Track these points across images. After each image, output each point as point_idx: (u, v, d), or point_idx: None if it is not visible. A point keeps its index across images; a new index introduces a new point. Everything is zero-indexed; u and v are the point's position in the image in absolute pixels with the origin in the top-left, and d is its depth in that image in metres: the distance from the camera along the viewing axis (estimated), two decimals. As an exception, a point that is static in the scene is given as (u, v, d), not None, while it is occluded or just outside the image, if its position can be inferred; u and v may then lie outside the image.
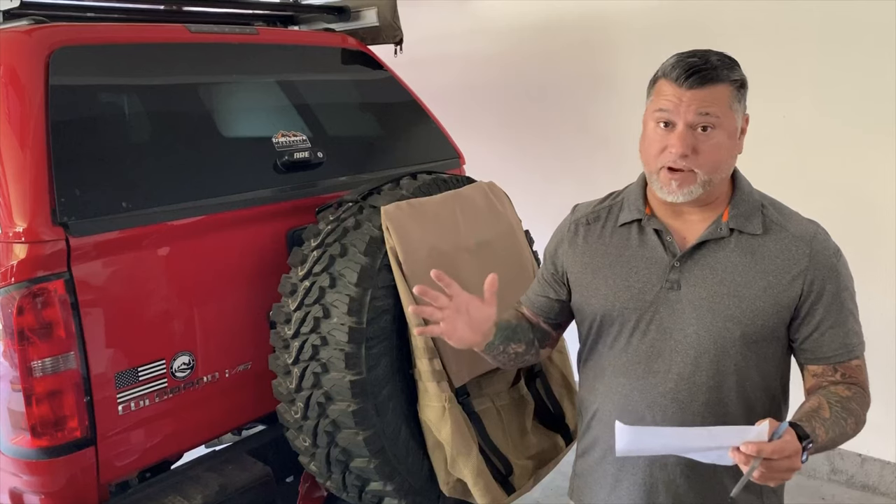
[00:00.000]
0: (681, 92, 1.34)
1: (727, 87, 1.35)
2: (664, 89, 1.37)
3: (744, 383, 1.41)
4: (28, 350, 1.65)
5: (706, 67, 1.33)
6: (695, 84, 1.33)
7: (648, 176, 1.44)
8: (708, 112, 1.33)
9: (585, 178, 3.64)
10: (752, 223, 1.41)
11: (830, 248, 1.41)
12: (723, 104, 1.34)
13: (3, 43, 1.82)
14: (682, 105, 1.34)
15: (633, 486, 1.49)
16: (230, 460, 2.04)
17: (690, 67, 1.33)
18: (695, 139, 1.34)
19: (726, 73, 1.35)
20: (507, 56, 3.92)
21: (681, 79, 1.33)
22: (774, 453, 1.16)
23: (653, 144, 1.39)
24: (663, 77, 1.38)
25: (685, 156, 1.34)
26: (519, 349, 1.58)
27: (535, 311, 1.66)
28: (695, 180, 1.36)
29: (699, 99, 1.33)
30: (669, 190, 1.38)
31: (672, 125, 1.36)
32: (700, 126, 1.34)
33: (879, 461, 3.13)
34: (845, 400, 1.35)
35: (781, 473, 1.19)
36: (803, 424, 1.27)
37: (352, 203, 2.04)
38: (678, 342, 1.41)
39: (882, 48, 2.81)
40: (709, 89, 1.33)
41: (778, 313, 1.38)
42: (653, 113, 1.39)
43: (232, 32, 2.33)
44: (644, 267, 1.46)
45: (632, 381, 1.46)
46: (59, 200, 1.68)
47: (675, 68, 1.35)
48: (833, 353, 1.39)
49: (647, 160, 1.42)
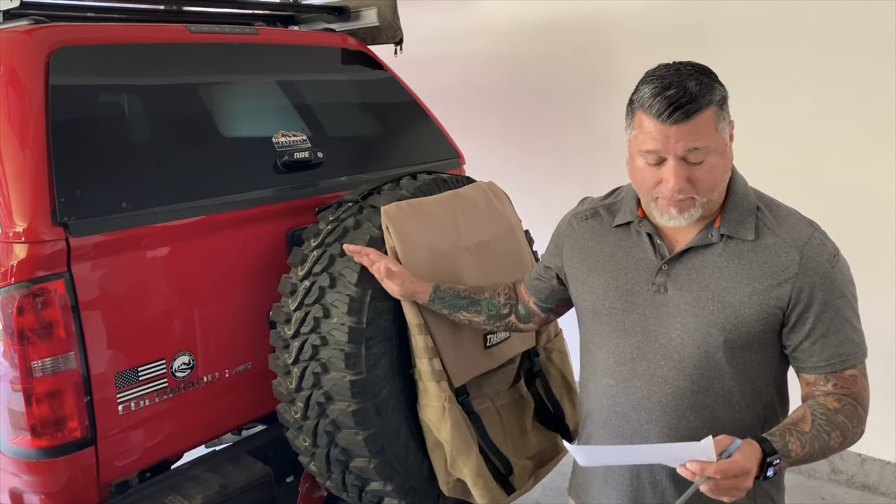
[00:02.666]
0: (665, 129, 1.28)
1: (710, 111, 1.29)
2: (646, 125, 1.31)
3: (731, 389, 1.40)
4: (28, 350, 1.65)
5: (687, 100, 1.27)
6: (679, 119, 1.27)
7: (644, 203, 1.43)
8: (697, 147, 1.29)
9: (586, 178, 3.63)
10: (745, 228, 1.39)
11: (824, 253, 1.36)
12: (709, 130, 1.30)
13: (3, 43, 1.82)
14: (669, 142, 1.29)
15: (621, 486, 1.50)
16: (230, 460, 2.03)
17: (671, 104, 1.27)
18: (688, 170, 1.31)
19: (707, 98, 1.29)
20: (507, 56, 3.92)
21: (663, 116, 1.28)
22: (717, 473, 1.16)
23: (645, 178, 1.36)
24: (642, 109, 1.32)
25: (682, 189, 1.32)
26: (474, 318, 1.80)
27: (528, 290, 1.76)
28: (694, 204, 1.35)
29: (685, 134, 1.28)
30: (670, 216, 1.36)
31: (662, 159, 1.32)
32: (692, 160, 1.31)
33: (879, 461, 3.13)
34: (832, 413, 1.33)
35: (728, 491, 1.19)
36: (774, 440, 1.26)
37: (352, 203, 2.04)
38: (662, 345, 1.41)
39: (882, 48, 2.81)
40: (695, 120, 1.28)
41: (764, 320, 1.36)
42: (639, 151, 1.35)
43: (232, 32, 2.33)
44: (633, 268, 1.46)
45: (618, 383, 1.46)
46: (59, 200, 1.68)
47: (655, 104, 1.28)
48: (825, 363, 1.37)
49: (641, 189, 1.40)
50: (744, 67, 3.07)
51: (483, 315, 1.80)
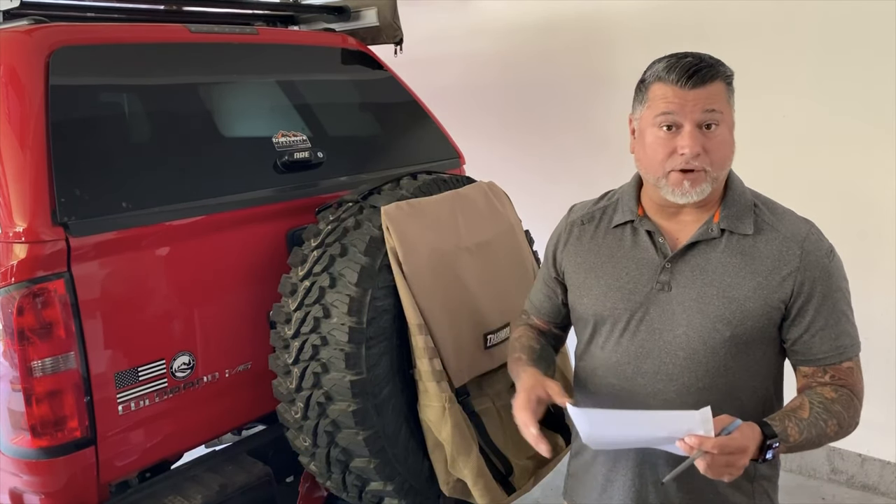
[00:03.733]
0: (684, 93, 1.33)
1: (723, 83, 1.36)
2: (662, 92, 1.35)
3: (734, 385, 1.41)
4: (28, 350, 1.65)
5: (704, 66, 1.33)
6: (697, 83, 1.32)
7: (654, 181, 1.41)
8: (714, 108, 1.33)
9: (586, 178, 3.63)
10: (744, 223, 1.40)
11: (823, 248, 1.39)
12: (723, 100, 1.35)
13: (3, 43, 1.82)
14: (687, 105, 1.33)
15: (624, 486, 1.49)
16: (230, 460, 2.04)
17: (690, 67, 1.33)
18: (703, 137, 1.34)
19: (722, 69, 1.36)
20: (507, 56, 3.92)
21: (682, 80, 1.32)
22: (715, 448, 1.18)
23: (658, 150, 1.36)
24: (657, 81, 1.36)
25: (698, 155, 1.33)
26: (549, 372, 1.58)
27: (544, 317, 1.68)
28: (706, 178, 1.35)
29: (703, 97, 1.32)
30: (683, 191, 1.36)
31: (677, 127, 1.34)
32: (706, 124, 1.34)
33: (879, 461, 3.13)
34: (829, 402, 1.36)
35: (722, 468, 1.20)
36: (774, 424, 1.29)
37: (352, 203, 2.04)
38: (668, 343, 1.41)
39: (882, 48, 2.81)
40: (710, 87, 1.33)
41: (768, 314, 1.38)
42: (654, 118, 1.36)
43: (232, 32, 2.33)
44: (635, 268, 1.46)
45: (621, 382, 1.46)
46: (59, 200, 1.68)
47: (672, 70, 1.34)
48: (823, 356, 1.39)
49: (652, 166, 1.39)
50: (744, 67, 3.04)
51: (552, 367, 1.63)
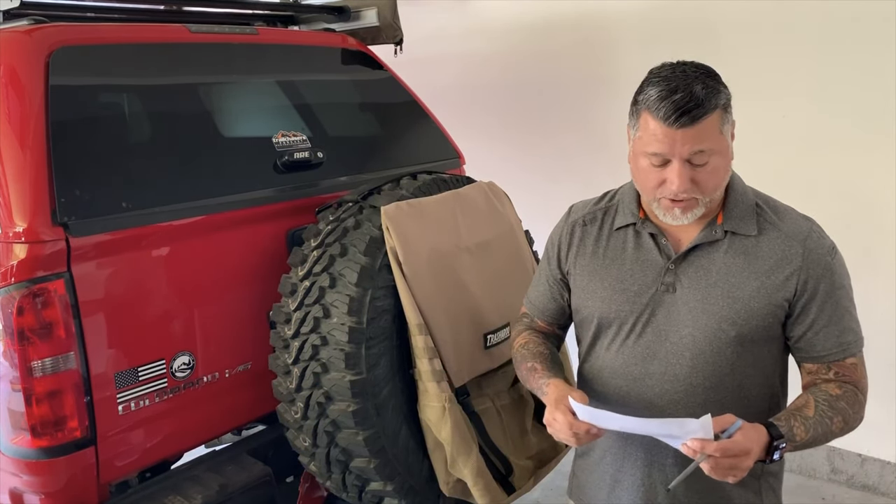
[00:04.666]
0: (672, 132, 1.28)
1: (715, 115, 1.30)
2: (652, 128, 1.31)
3: (741, 383, 1.42)
4: (28, 350, 1.65)
5: (693, 105, 1.27)
6: (685, 124, 1.27)
7: (647, 201, 1.43)
8: (703, 150, 1.30)
9: (586, 177, 3.63)
10: (747, 224, 1.41)
11: (825, 246, 1.40)
12: (714, 133, 1.30)
13: (3, 43, 1.82)
14: (675, 145, 1.29)
15: (632, 486, 1.49)
16: (230, 460, 2.04)
17: (678, 108, 1.27)
18: (692, 171, 1.32)
19: (713, 102, 1.29)
20: (507, 56, 3.92)
21: (670, 119, 1.28)
22: (717, 451, 1.19)
23: (649, 178, 1.37)
24: (648, 111, 1.32)
25: (686, 189, 1.32)
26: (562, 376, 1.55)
27: (548, 319, 1.67)
28: (697, 204, 1.36)
29: (691, 137, 1.28)
30: (673, 216, 1.37)
31: (666, 161, 1.33)
32: (697, 162, 1.31)
33: (879, 461, 3.13)
34: (834, 399, 1.36)
35: (728, 471, 1.21)
36: (780, 424, 1.30)
37: (352, 203, 2.04)
38: (674, 344, 1.42)
39: (882, 47, 2.81)
40: (700, 125, 1.28)
41: (773, 313, 1.39)
42: (644, 153, 1.35)
43: (232, 32, 2.33)
44: (639, 270, 1.46)
45: (628, 384, 1.46)
46: (59, 200, 1.68)
47: (661, 107, 1.28)
48: (827, 352, 1.40)
49: (644, 189, 1.40)
50: (744, 67, 3.07)
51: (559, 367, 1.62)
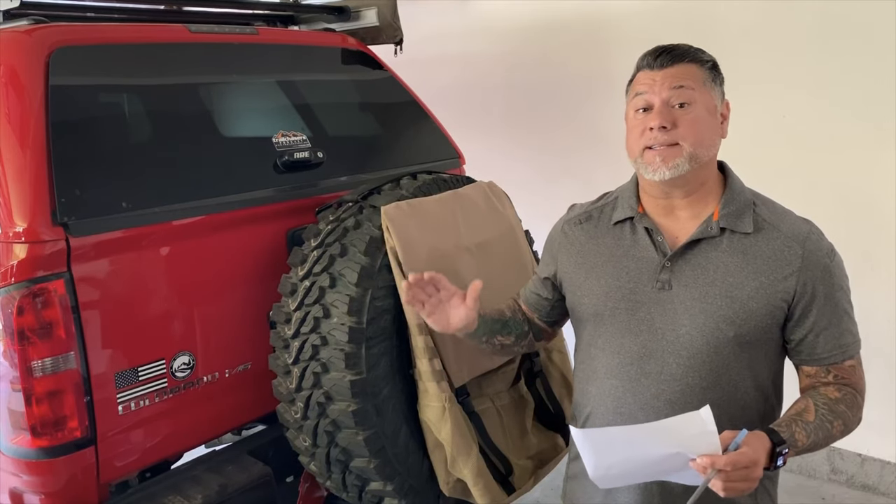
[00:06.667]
0: (654, 73, 1.40)
1: (698, 66, 1.40)
2: (639, 77, 1.44)
3: (737, 384, 1.40)
4: (28, 350, 1.65)
5: (675, 48, 1.41)
6: (666, 63, 1.39)
7: (634, 163, 1.45)
8: (682, 84, 1.38)
9: (586, 177, 3.63)
10: (743, 222, 1.40)
11: (824, 248, 1.40)
12: (696, 80, 1.39)
13: (3, 43, 1.82)
14: (656, 84, 1.39)
15: (629, 490, 1.48)
16: (230, 460, 2.03)
17: (661, 50, 1.41)
18: (673, 115, 1.37)
19: (696, 54, 1.41)
20: (507, 56, 3.92)
21: (653, 61, 1.40)
22: (728, 465, 1.16)
23: (633, 130, 1.42)
24: (638, 71, 1.45)
25: (664, 128, 1.36)
26: (506, 341, 1.65)
27: (530, 307, 1.70)
28: (680, 153, 1.36)
29: (671, 75, 1.38)
30: (655, 167, 1.38)
31: (651, 108, 1.39)
32: (677, 103, 1.37)
33: (879, 461, 3.13)
34: (833, 402, 1.36)
35: (738, 483, 1.19)
36: (781, 430, 1.29)
37: (352, 203, 2.04)
38: (670, 343, 1.41)
39: (882, 47, 2.81)
40: (680, 67, 1.39)
41: (771, 314, 1.38)
42: (631, 101, 1.44)
43: (232, 32, 2.33)
44: (635, 267, 1.45)
45: (624, 383, 1.45)
46: (59, 200, 1.68)
47: (647, 56, 1.42)
48: (827, 355, 1.39)
49: (631, 146, 1.44)
50: (744, 67, 3.07)
51: (512, 336, 1.65)
